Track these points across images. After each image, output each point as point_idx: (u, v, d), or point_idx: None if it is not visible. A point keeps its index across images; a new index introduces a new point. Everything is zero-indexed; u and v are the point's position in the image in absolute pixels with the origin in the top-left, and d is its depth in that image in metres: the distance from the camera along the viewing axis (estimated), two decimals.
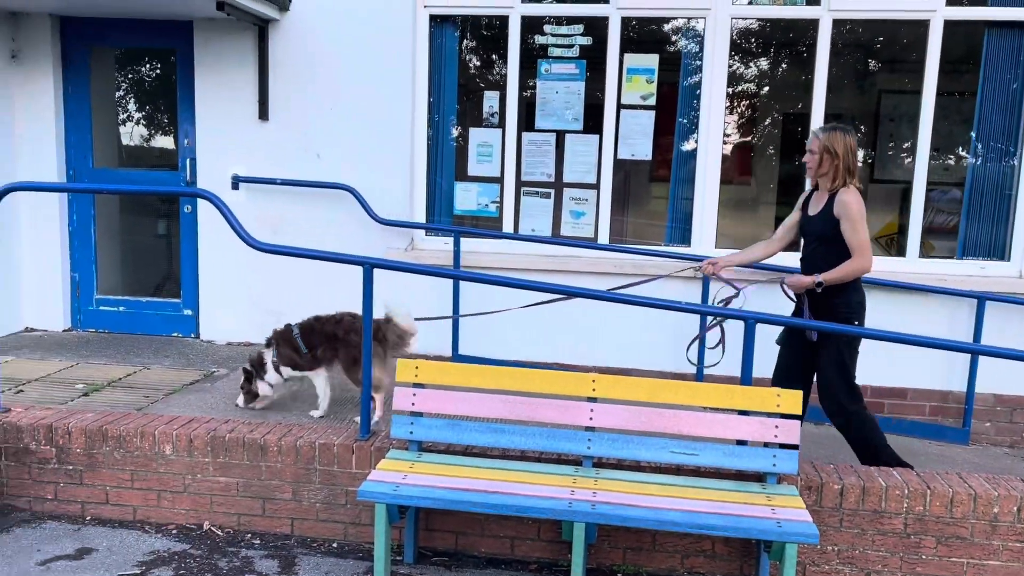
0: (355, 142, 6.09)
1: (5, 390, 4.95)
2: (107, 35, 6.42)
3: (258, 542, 4.01)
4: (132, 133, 6.88)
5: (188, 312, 6.55)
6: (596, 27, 5.92)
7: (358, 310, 4.38)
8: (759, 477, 3.73)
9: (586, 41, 5.93)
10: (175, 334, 6.57)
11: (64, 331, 6.60)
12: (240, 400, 4.88)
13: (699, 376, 5.55)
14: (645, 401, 3.74)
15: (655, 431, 3.68)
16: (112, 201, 6.73)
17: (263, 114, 6.11)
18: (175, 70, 6.44)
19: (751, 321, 3.76)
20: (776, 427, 3.62)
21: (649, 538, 3.84)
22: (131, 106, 6.86)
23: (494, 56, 6.21)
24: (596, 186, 6.03)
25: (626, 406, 3.73)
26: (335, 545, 4.02)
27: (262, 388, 4.82)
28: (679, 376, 5.69)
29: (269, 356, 4.81)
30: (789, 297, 4.44)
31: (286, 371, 4.80)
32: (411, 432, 3.81)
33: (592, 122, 5.97)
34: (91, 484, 4.18)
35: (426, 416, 3.89)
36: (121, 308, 6.62)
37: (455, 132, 6.23)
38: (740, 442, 3.78)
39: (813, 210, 4.28)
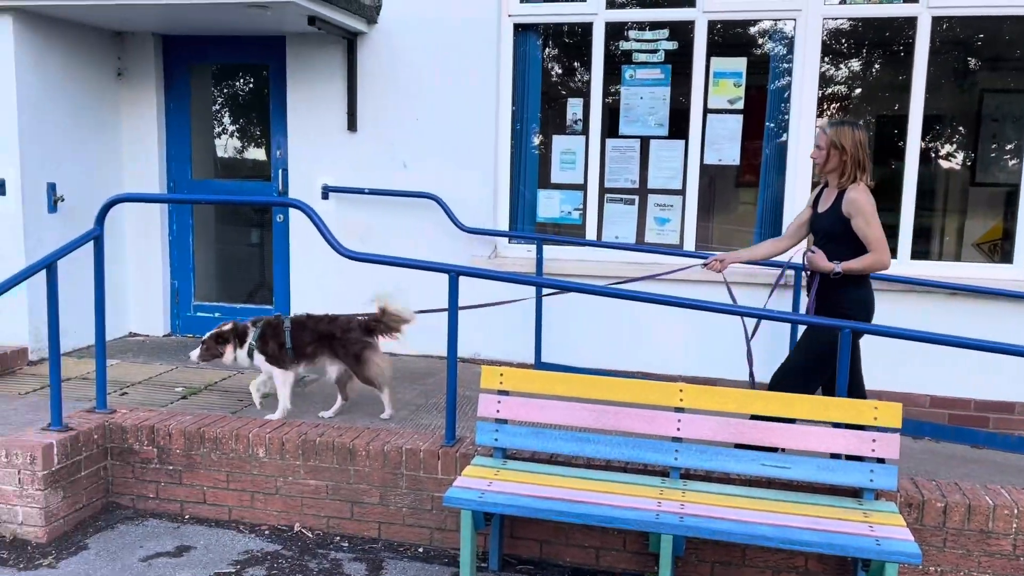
0: (440, 151, 6.18)
1: (111, 392, 5.19)
2: (205, 52, 6.69)
3: (346, 545, 4.09)
4: (227, 145, 7.15)
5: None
6: (681, 31, 5.85)
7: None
8: (855, 492, 3.60)
9: (671, 46, 5.86)
10: None
11: (164, 336, 6.90)
12: (195, 353, 4.79)
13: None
14: (734, 412, 3.65)
15: (744, 443, 3.59)
16: (208, 211, 7.00)
17: (351, 125, 6.25)
18: (268, 84, 6.67)
19: (846, 331, 3.63)
20: (873, 441, 3.48)
21: (739, 553, 3.74)
22: (226, 120, 7.13)
23: (577, 63, 6.21)
24: (681, 192, 5.95)
25: (715, 417, 3.66)
26: (421, 550, 4.06)
27: (227, 356, 4.80)
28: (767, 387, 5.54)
29: (251, 336, 4.80)
30: (806, 274, 4.23)
31: (258, 358, 4.81)
32: (496, 439, 3.82)
33: (677, 127, 5.90)
34: (189, 484, 4.34)
35: (510, 423, 3.90)
36: (217, 314, 6.88)
37: (538, 140, 6.25)
38: (834, 456, 3.65)
39: (822, 207, 4.15)
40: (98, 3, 5.32)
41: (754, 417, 3.73)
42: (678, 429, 3.65)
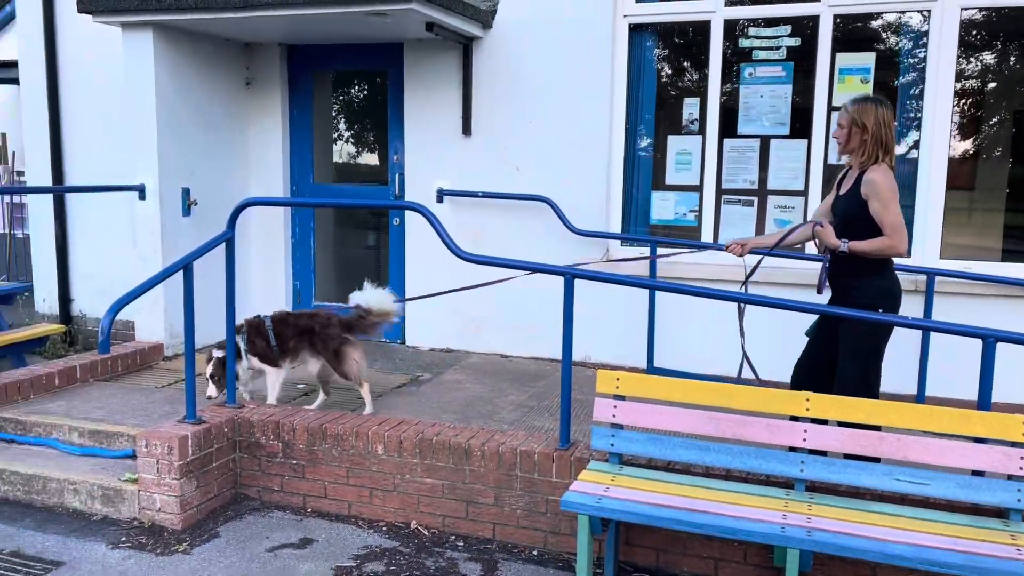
0: (553, 154, 6.17)
1: (238, 388, 5.42)
2: (326, 60, 6.92)
3: (461, 544, 4.13)
4: (345, 151, 7.37)
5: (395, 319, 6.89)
6: (803, 27, 5.64)
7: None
8: (1000, 513, 3.36)
9: (793, 42, 5.66)
10: (383, 339, 6.95)
11: None
12: (212, 389, 4.86)
13: (919, 398, 5.12)
14: (865, 424, 3.48)
15: (878, 456, 3.42)
16: (327, 215, 7.23)
17: (466, 129, 6.33)
18: (386, 90, 6.83)
19: (991, 340, 3.41)
20: (1022, 459, 3.25)
21: (868, 571, 3.56)
22: (344, 125, 7.35)
23: (693, 62, 6.08)
24: (803, 193, 5.73)
25: (842, 428, 3.49)
26: (535, 553, 4.06)
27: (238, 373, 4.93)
28: (896, 397, 5.27)
29: (241, 345, 4.93)
30: (818, 248, 4.04)
31: (254, 361, 4.94)
32: (612, 444, 3.78)
33: (799, 126, 5.69)
34: (311, 479, 4.48)
35: (626, 428, 3.84)
36: None
37: (653, 141, 6.16)
38: (976, 473, 3.43)
39: (843, 189, 3.90)
40: (230, 16, 5.58)
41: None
42: (804, 440, 3.51)
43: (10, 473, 4.53)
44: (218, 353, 4.85)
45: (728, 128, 5.89)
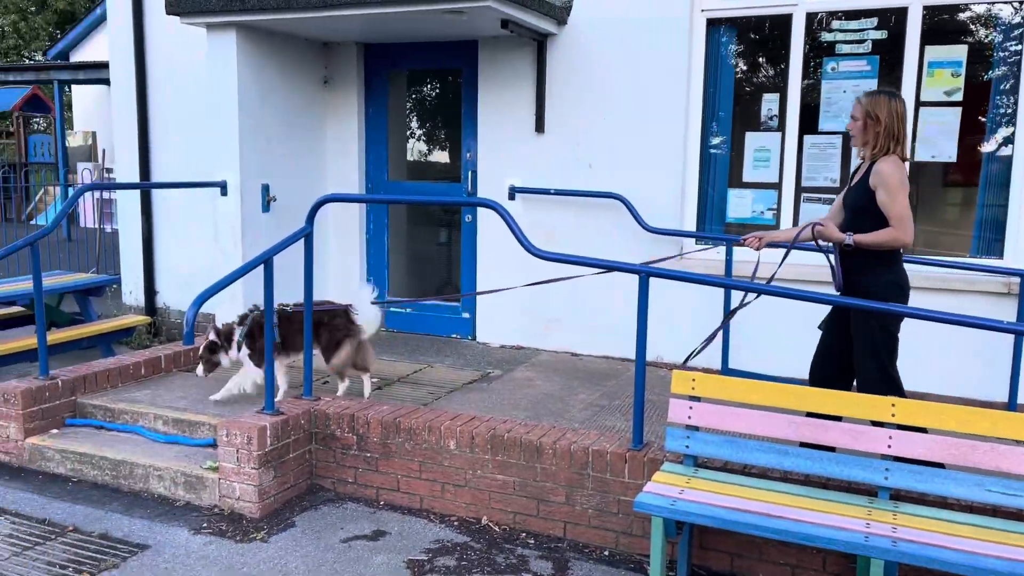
0: (626, 151, 6.11)
1: (315, 381, 5.53)
2: (402, 59, 7.00)
3: (532, 542, 4.13)
4: (418, 148, 7.45)
5: (466, 315, 6.94)
6: (889, 19, 5.45)
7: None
8: None
9: (880, 35, 5.48)
10: (454, 335, 7.00)
11: None
12: (200, 370, 5.08)
13: (1011, 406, 4.90)
14: (954, 431, 3.34)
15: (968, 466, 3.28)
16: (400, 212, 7.31)
17: (539, 126, 6.32)
18: (460, 88, 6.87)
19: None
20: None
21: None
22: (418, 123, 7.42)
23: (773, 57, 5.94)
24: None
25: (932, 435, 3.36)
26: (606, 553, 4.03)
27: (224, 361, 5.08)
28: (988, 404, 5.05)
29: (238, 334, 5.02)
30: (819, 247, 4.04)
31: (244, 355, 5.05)
32: (687, 446, 3.72)
33: None
34: (385, 472, 4.54)
35: (702, 431, 3.78)
36: (408, 310, 7.18)
37: (729, 138, 6.04)
38: None
39: (854, 181, 3.87)
40: (310, 16, 5.69)
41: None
42: (889, 447, 3.39)
43: (99, 458, 4.72)
44: (211, 336, 5.05)
45: (808, 124, 5.73)
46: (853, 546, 3.03)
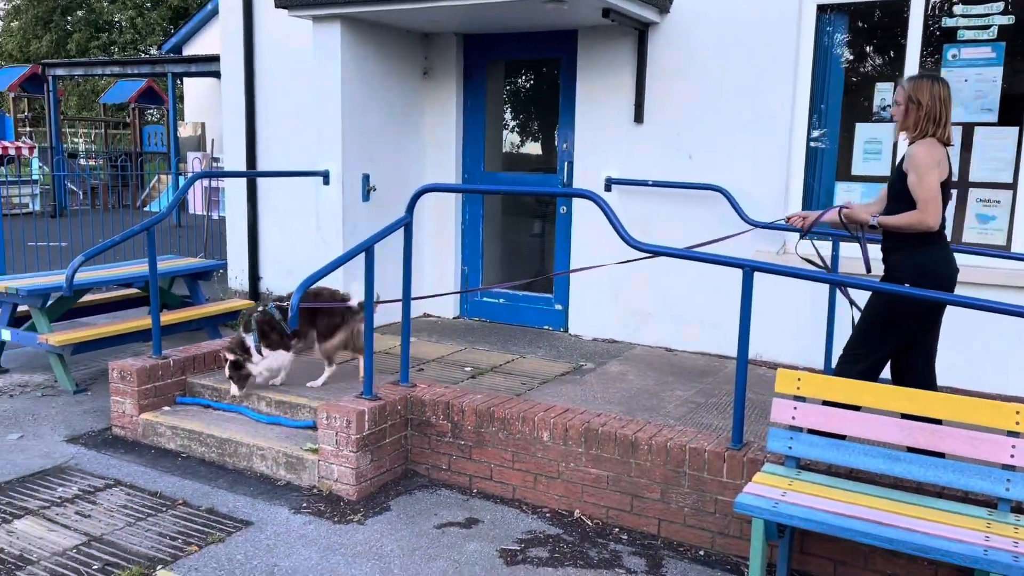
0: (728, 142, 5.96)
1: (410, 368, 5.62)
2: (500, 49, 7.01)
3: (625, 537, 4.08)
4: (513, 139, 7.45)
5: (559, 307, 6.92)
6: (1019, 3, 5.12)
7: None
8: None
9: (1007, 20, 5.15)
10: (546, 327, 6.99)
11: (454, 318, 7.36)
12: (234, 389, 5.12)
13: None
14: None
15: None
16: (495, 203, 7.34)
17: (638, 117, 6.22)
18: (557, 78, 6.83)
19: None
20: None
21: None
22: (514, 114, 7.42)
23: (886, 44, 5.67)
24: (1011, 186, 5.22)
25: None
26: (702, 553, 3.94)
27: (252, 369, 5.14)
28: None
29: (251, 340, 5.08)
30: (848, 230, 4.07)
31: (267, 353, 5.14)
32: (790, 448, 3.60)
33: (1011, 113, 5.18)
34: (478, 460, 4.57)
35: (805, 432, 3.65)
36: (501, 300, 7.21)
37: (838, 129, 5.80)
38: None
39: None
40: (412, 7, 5.76)
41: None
42: (1011, 456, 3.19)
43: (207, 436, 4.91)
44: (229, 356, 5.08)
45: None
46: (971, 560, 2.87)
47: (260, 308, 5.28)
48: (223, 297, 8.12)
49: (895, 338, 3.74)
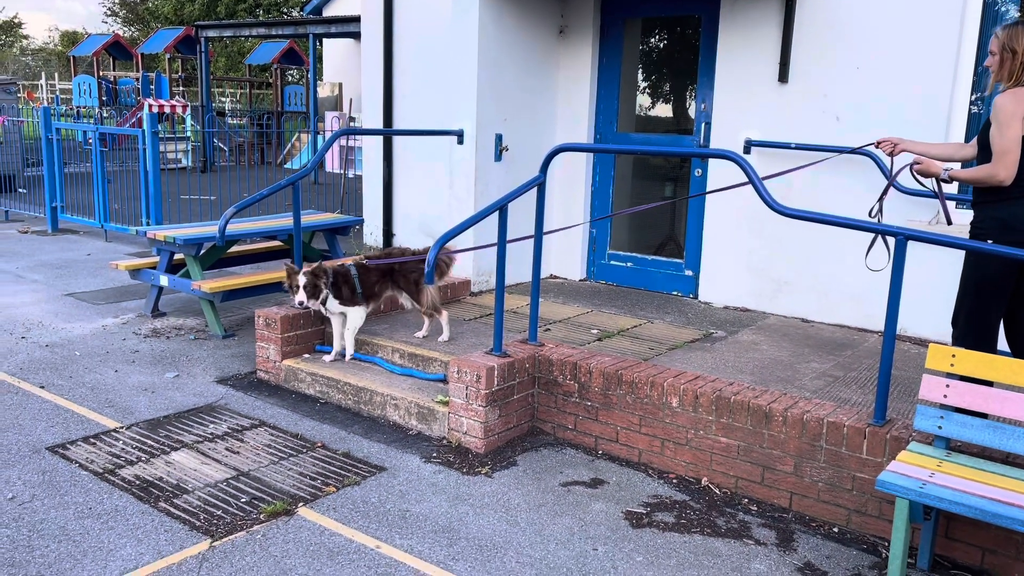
0: (881, 105, 5.61)
1: (539, 328, 5.66)
2: (638, 6, 6.83)
3: (755, 508, 3.99)
4: (648, 100, 7.28)
5: (689, 273, 6.78)
6: None
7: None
8: None
9: None
10: (675, 292, 6.87)
11: (580, 280, 7.34)
12: (302, 296, 5.05)
13: None
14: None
15: None
16: (626, 165, 7.22)
17: (783, 76, 5.95)
18: (697, 36, 6.61)
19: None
20: None
21: None
22: (649, 73, 7.24)
23: None
24: None
25: None
26: (835, 530, 3.81)
27: (332, 305, 5.24)
28: None
29: (325, 282, 5.14)
30: (919, 183, 4.30)
31: (333, 304, 5.24)
32: (939, 427, 3.40)
33: None
34: (604, 422, 4.56)
35: (958, 411, 3.44)
36: (628, 264, 7.13)
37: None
38: None
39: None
40: None
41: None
42: None
43: (344, 383, 5.13)
44: (306, 268, 5.13)
45: None
46: None
47: (340, 263, 5.41)
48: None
49: (991, 295, 3.62)
